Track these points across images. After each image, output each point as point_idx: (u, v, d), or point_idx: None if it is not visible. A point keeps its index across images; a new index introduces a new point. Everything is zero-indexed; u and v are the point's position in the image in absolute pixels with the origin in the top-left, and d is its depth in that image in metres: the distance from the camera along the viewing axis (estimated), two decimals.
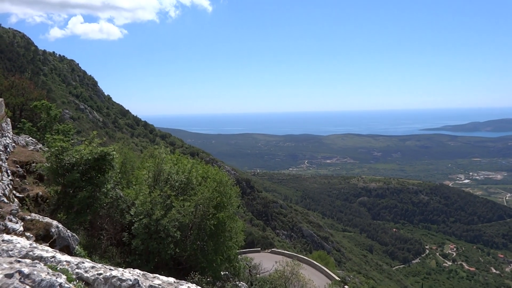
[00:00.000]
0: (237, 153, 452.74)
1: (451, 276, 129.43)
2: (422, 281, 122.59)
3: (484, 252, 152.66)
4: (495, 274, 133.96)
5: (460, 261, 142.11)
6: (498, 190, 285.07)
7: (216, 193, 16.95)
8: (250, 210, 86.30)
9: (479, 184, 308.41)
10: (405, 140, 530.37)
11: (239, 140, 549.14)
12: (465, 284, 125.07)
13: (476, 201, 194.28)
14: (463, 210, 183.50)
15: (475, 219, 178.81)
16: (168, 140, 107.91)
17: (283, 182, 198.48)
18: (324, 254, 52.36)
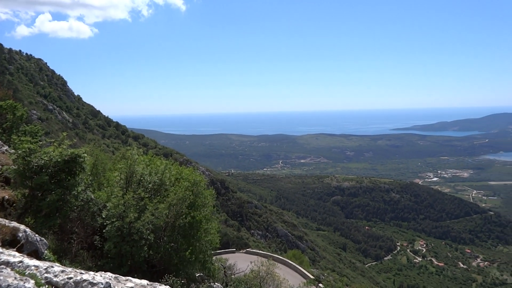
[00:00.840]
0: (212, 153, 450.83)
1: (421, 272, 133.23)
2: (393, 277, 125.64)
3: (452, 248, 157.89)
4: (462, 269, 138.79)
5: (430, 257, 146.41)
6: (465, 188, 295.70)
7: (190, 193, 16.85)
8: (225, 211, 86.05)
9: (447, 182, 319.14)
10: (376, 140, 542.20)
11: (214, 140, 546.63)
12: (435, 279, 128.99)
13: (444, 198, 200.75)
14: (432, 207, 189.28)
15: (444, 216, 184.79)
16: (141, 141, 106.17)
17: (257, 182, 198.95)
18: (298, 253, 52.82)
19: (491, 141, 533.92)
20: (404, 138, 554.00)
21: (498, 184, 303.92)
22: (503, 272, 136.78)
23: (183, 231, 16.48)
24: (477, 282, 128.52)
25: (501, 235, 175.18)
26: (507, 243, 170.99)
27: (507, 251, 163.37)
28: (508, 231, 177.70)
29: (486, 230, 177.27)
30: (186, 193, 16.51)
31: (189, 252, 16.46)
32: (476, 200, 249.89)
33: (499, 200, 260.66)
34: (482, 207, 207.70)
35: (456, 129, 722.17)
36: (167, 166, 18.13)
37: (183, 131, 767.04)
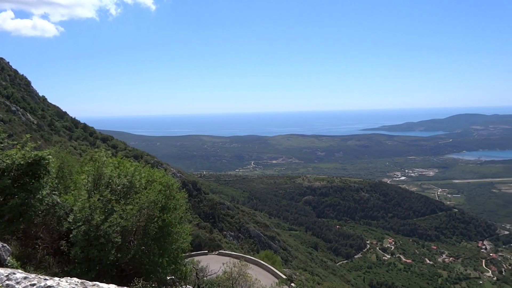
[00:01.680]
0: (183, 155, 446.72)
1: (390, 269, 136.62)
2: (363, 275, 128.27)
3: (419, 245, 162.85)
4: (429, 265, 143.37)
5: (398, 254, 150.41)
6: (431, 186, 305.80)
7: (162, 195, 16.63)
8: (196, 213, 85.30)
9: (414, 181, 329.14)
10: (346, 140, 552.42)
11: (185, 142, 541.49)
12: (403, 275, 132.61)
13: (411, 196, 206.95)
14: (400, 205, 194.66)
15: (411, 213, 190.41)
16: (110, 143, 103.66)
17: (230, 183, 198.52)
18: (271, 254, 53.04)
19: (454, 140, 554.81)
20: (373, 138, 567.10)
21: (461, 182, 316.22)
22: (467, 267, 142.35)
23: (154, 234, 16.24)
24: (442, 278, 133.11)
25: (464, 231, 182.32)
26: (470, 239, 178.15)
27: (470, 246, 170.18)
28: (471, 227, 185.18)
29: (450, 226, 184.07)
30: (158, 196, 16.28)
31: (161, 255, 16.24)
32: (441, 198, 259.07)
33: (462, 198, 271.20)
34: (447, 205, 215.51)
35: (422, 129, 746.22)
36: (137, 168, 17.82)
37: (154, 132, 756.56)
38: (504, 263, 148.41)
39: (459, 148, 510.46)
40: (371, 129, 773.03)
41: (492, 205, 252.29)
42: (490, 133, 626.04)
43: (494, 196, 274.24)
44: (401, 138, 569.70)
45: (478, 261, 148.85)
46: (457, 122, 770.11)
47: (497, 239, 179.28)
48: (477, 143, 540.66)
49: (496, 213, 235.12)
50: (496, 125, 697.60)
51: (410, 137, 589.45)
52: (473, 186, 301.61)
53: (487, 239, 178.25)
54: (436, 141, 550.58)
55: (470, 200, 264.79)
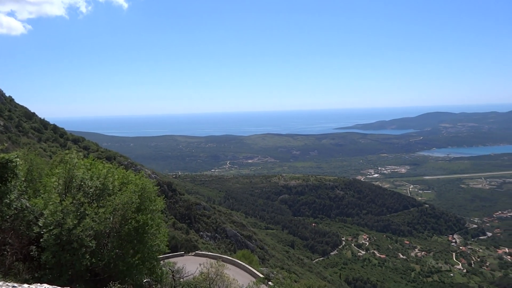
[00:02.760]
0: (158, 155, 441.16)
1: (365, 264, 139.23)
2: (339, 271, 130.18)
3: (393, 240, 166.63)
4: (402, 259, 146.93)
5: (373, 249, 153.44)
6: (403, 183, 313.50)
7: (137, 198, 16.35)
8: (172, 214, 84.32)
9: (386, 178, 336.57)
10: (321, 139, 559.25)
11: (160, 142, 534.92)
12: (377, 270, 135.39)
13: (384, 193, 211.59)
14: (374, 202, 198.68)
15: (384, 210, 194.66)
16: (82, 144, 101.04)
17: (205, 183, 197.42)
18: (248, 253, 53.06)
19: (425, 138, 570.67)
20: (346, 137, 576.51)
21: (432, 179, 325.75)
22: (438, 261, 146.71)
23: (129, 236, 15.93)
24: (415, 271, 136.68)
25: (435, 226, 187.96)
26: (441, 233, 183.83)
27: (441, 240, 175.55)
28: (442, 222, 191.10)
29: (422, 222, 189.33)
30: (132, 197, 15.98)
31: (136, 257, 15.96)
32: (413, 194, 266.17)
33: (433, 194, 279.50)
34: (418, 201, 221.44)
35: (394, 128, 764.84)
36: (110, 170, 17.43)
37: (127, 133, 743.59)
38: (473, 255, 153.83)
39: (429, 145, 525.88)
40: (345, 128, 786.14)
41: (461, 200, 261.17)
42: (458, 130, 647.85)
43: (462, 191, 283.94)
44: (374, 137, 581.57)
45: (448, 255, 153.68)
46: (427, 120, 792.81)
47: (466, 232, 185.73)
48: (446, 140, 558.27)
49: (464, 208, 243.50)
50: (463, 123, 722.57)
51: (382, 135, 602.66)
52: (443, 182, 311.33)
53: (457, 233, 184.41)
54: (407, 139, 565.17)
55: (440, 196, 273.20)
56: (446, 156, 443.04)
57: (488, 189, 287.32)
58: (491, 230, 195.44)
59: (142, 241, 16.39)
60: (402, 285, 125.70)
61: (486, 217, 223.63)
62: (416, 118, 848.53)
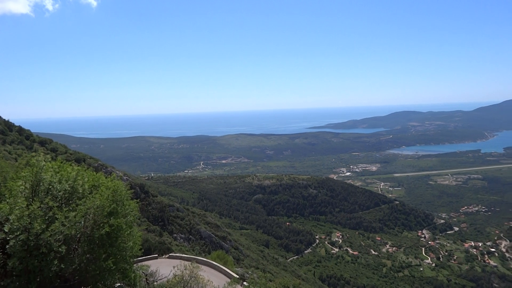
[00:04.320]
0: (129, 157, 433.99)
1: (338, 262, 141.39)
2: (314, 269, 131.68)
3: (365, 237, 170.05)
4: (374, 256, 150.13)
5: (346, 247, 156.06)
6: (374, 180, 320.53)
7: (110, 201, 15.95)
8: (145, 216, 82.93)
9: (358, 176, 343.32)
10: (294, 138, 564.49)
11: (131, 143, 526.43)
12: (350, 267, 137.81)
13: (356, 191, 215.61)
14: (346, 200, 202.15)
15: (357, 207, 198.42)
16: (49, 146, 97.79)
17: (179, 184, 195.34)
18: (222, 254, 52.84)
19: (394, 136, 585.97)
20: (319, 136, 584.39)
21: (401, 176, 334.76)
22: (408, 256, 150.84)
23: (101, 240, 15.53)
24: (387, 267, 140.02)
25: (405, 222, 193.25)
26: (411, 228, 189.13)
27: (411, 236, 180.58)
28: (411, 218, 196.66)
29: (393, 218, 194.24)
30: (105, 201, 15.60)
31: (108, 262, 15.58)
32: (384, 192, 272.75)
33: (402, 190, 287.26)
34: (389, 198, 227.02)
35: (364, 127, 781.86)
36: (80, 173, 16.95)
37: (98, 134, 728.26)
38: (441, 250, 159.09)
39: (399, 143, 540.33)
40: (318, 127, 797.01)
41: (429, 196, 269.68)
42: (426, 129, 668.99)
43: (430, 187, 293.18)
44: (345, 136, 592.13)
45: (418, 249, 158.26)
46: (396, 119, 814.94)
47: (434, 227, 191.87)
48: (415, 138, 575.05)
49: (432, 204, 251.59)
50: (431, 121, 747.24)
51: (354, 134, 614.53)
52: (412, 179, 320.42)
53: (426, 228, 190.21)
54: (378, 137, 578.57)
55: (409, 192, 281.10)
56: (414, 154, 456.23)
57: (455, 185, 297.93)
58: (457, 225, 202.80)
59: (115, 245, 16.03)
60: (374, 281, 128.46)
61: (453, 212, 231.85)
62: (386, 117, 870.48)
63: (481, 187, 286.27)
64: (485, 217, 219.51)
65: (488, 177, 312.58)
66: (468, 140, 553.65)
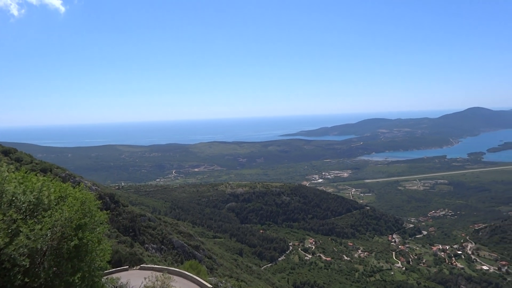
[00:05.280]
0: (99, 166, 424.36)
1: (312, 268, 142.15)
2: (287, 276, 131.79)
3: (337, 242, 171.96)
4: (346, 261, 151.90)
5: (319, 253, 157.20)
6: (346, 186, 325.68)
7: (79, 213, 15.43)
8: (115, 227, 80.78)
9: (330, 182, 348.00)
10: (267, 146, 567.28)
11: (101, 152, 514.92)
12: (324, 273, 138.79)
13: (329, 197, 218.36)
14: (319, 206, 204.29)
15: (329, 213, 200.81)
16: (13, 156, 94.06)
17: (150, 194, 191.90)
18: (195, 263, 52.10)
19: (365, 143, 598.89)
20: (291, 143, 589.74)
21: (372, 182, 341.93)
22: (380, 260, 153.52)
23: (69, 254, 14.99)
24: (359, 272, 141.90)
25: (376, 227, 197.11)
26: (382, 233, 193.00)
27: (382, 240, 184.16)
28: (382, 223, 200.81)
29: (364, 223, 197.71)
30: (73, 213, 15.08)
31: (76, 276, 15.04)
32: (355, 197, 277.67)
33: (373, 196, 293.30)
34: (360, 203, 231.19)
35: (336, 134, 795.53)
36: (45, 183, 16.34)
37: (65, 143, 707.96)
38: (411, 253, 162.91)
39: (369, 150, 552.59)
40: (290, 134, 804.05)
41: (399, 201, 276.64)
42: (395, 135, 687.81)
43: (400, 193, 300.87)
44: (317, 143, 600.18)
45: (389, 254, 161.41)
46: (366, 126, 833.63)
47: (404, 232, 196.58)
48: (384, 145, 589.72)
49: (402, 209, 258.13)
50: (399, 128, 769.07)
51: (325, 141, 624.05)
52: (382, 185, 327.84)
53: (396, 232, 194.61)
54: (349, 144, 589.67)
55: (380, 198, 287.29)
56: (384, 160, 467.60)
57: (423, 190, 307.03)
58: (426, 229, 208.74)
59: (83, 259, 15.51)
60: (347, 286, 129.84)
61: (421, 217, 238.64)
62: (357, 124, 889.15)
63: (447, 192, 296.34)
64: (451, 220, 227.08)
65: (454, 182, 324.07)
66: (435, 146, 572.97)
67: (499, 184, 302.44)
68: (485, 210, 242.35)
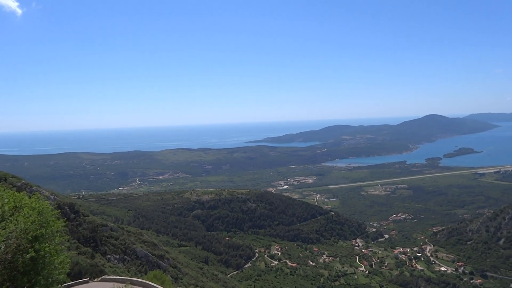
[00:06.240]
0: (58, 175, 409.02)
1: (278, 274, 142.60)
2: (253, 283, 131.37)
3: (303, 248, 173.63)
4: (312, 266, 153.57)
5: (285, 259, 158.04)
6: (311, 192, 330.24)
7: (35, 224, 14.78)
8: (75, 237, 77.81)
9: (295, 188, 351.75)
10: (233, 153, 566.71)
11: (60, 160, 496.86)
12: (289, 279, 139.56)
13: (294, 204, 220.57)
14: (285, 213, 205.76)
15: (294, 220, 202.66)
16: None
17: (113, 202, 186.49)
18: (159, 273, 51.05)
19: (329, 150, 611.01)
20: (257, 150, 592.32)
21: (336, 187, 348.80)
22: (344, 264, 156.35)
23: (25, 267, 14.31)
24: (324, 277, 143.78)
25: (340, 232, 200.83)
26: (346, 238, 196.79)
27: (346, 245, 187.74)
28: (346, 228, 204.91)
29: (329, 229, 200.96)
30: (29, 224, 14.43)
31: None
32: (320, 203, 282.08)
33: (337, 201, 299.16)
34: (325, 209, 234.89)
35: (301, 140, 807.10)
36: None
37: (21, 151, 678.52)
38: (374, 257, 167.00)
39: (333, 156, 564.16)
40: (256, 141, 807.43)
41: (362, 206, 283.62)
42: (357, 142, 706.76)
43: (363, 198, 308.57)
44: (283, 149, 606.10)
45: (352, 258, 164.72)
46: (330, 133, 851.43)
47: (367, 236, 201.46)
48: (347, 151, 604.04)
49: (365, 213, 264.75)
50: (361, 135, 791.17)
51: (291, 148, 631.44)
52: (346, 190, 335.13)
53: (359, 237, 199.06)
54: (313, 150, 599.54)
55: (344, 203, 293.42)
56: (347, 166, 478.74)
57: (384, 195, 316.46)
58: (387, 232, 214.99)
59: (40, 272, 14.86)
60: None
61: (383, 221, 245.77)
62: (321, 131, 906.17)
63: (407, 196, 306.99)
64: (411, 224, 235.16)
65: (413, 186, 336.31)
66: (395, 152, 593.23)
67: (455, 188, 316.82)
68: (443, 213, 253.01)
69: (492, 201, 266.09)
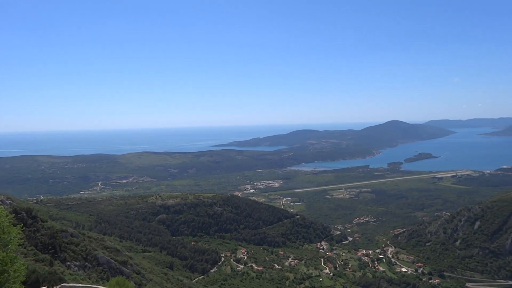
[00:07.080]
0: (14, 178, 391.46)
1: (244, 278, 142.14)
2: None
3: (269, 252, 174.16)
4: (278, 270, 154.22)
5: (251, 263, 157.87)
6: (277, 196, 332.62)
7: None
8: (33, 244, 74.30)
9: (262, 192, 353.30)
10: (199, 156, 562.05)
11: (16, 163, 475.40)
12: (255, 283, 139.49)
13: (260, 207, 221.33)
14: (251, 216, 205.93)
15: (261, 223, 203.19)
16: None
17: (73, 207, 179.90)
18: (122, 280, 49.66)
19: (295, 154, 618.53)
20: (224, 154, 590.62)
21: (301, 191, 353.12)
22: (309, 267, 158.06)
23: None
24: (289, 280, 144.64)
25: (306, 235, 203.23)
26: (311, 241, 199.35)
27: (311, 248, 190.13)
28: (311, 231, 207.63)
29: (294, 232, 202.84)
30: None
31: None
32: (286, 207, 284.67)
33: (303, 205, 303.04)
34: (290, 212, 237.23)
35: (267, 144, 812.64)
36: None
37: None
38: (338, 259, 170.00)
39: (299, 160, 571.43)
40: (222, 145, 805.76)
41: (327, 209, 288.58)
42: (323, 146, 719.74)
43: (328, 201, 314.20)
44: (249, 153, 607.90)
45: (317, 261, 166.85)
46: (296, 137, 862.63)
47: (331, 239, 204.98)
48: (313, 155, 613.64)
49: (330, 216, 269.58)
50: (327, 139, 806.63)
51: (257, 152, 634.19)
52: (311, 194, 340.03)
53: (324, 239, 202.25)
54: (280, 154, 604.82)
55: (309, 207, 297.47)
56: (313, 170, 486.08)
57: (348, 198, 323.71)
58: (351, 235, 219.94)
59: None
60: None
61: (347, 224, 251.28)
62: (287, 136, 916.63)
63: (370, 199, 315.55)
64: (374, 226, 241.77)
65: (376, 190, 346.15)
66: (359, 157, 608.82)
67: (415, 192, 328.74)
68: (403, 216, 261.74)
69: (449, 204, 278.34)
